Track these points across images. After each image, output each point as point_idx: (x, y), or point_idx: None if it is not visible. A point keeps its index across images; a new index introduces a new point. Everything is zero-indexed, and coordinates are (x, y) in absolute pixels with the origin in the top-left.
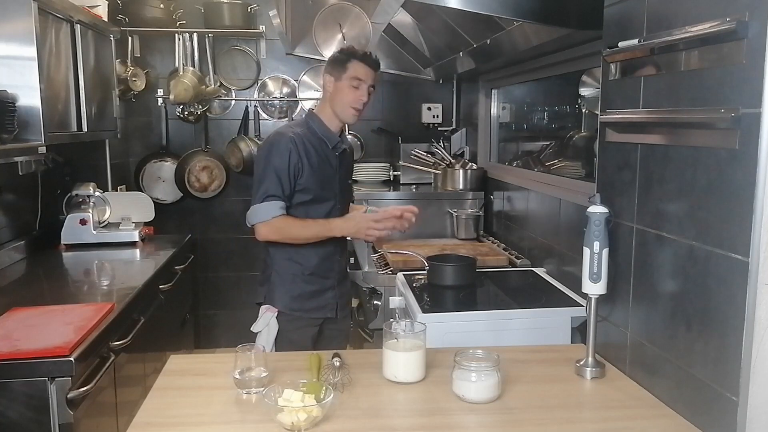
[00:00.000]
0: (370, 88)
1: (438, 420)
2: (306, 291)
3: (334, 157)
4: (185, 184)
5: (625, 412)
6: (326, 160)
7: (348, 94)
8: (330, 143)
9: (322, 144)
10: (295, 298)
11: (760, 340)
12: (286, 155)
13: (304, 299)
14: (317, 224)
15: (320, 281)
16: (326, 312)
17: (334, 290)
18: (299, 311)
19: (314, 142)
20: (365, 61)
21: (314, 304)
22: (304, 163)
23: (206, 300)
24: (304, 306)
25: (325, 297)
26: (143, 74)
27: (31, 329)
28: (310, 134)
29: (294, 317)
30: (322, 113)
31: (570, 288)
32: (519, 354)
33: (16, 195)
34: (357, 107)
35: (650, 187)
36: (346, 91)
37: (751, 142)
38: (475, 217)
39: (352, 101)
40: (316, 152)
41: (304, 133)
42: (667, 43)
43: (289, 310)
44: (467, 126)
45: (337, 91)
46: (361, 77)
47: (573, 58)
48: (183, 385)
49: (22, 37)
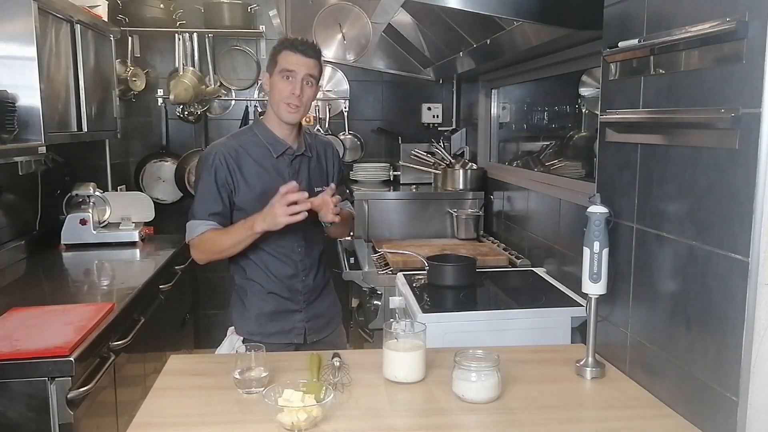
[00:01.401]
0: (309, 79)
1: (438, 420)
2: (264, 312)
3: (285, 166)
4: (185, 184)
5: (625, 412)
6: (273, 170)
7: (280, 87)
8: (274, 151)
9: (266, 152)
10: (254, 321)
11: (760, 340)
12: (211, 172)
13: (265, 321)
14: (236, 226)
15: (281, 301)
16: (292, 337)
17: (300, 313)
18: (259, 336)
19: (256, 153)
20: (295, 48)
21: (277, 327)
22: (237, 178)
23: (206, 300)
24: (265, 330)
25: (291, 320)
26: (143, 74)
27: (31, 329)
28: (253, 143)
29: (262, 344)
30: (267, 117)
31: (570, 288)
32: (519, 354)
33: (16, 195)
34: (290, 101)
35: (650, 187)
36: (279, 85)
37: (751, 142)
38: (475, 217)
39: (285, 95)
40: (256, 162)
41: (245, 143)
42: (667, 43)
43: (250, 335)
44: (467, 126)
45: (272, 87)
46: (292, 67)
47: (573, 58)
48: (183, 385)
49: (22, 37)
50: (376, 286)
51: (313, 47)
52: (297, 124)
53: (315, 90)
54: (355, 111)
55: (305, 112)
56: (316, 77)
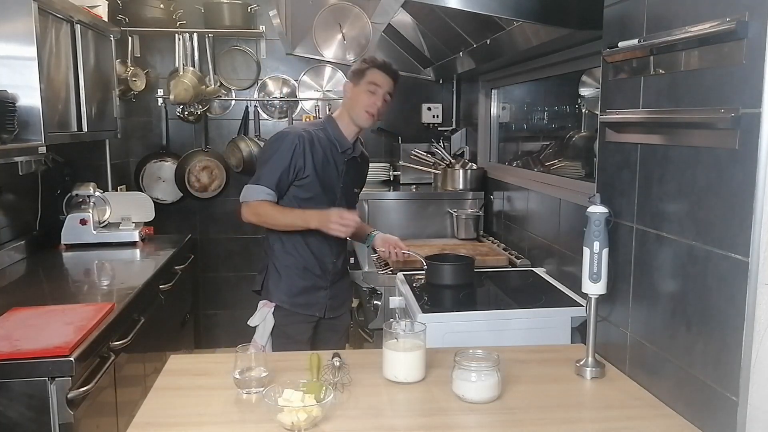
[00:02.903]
0: (387, 95)
1: (438, 420)
2: (297, 285)
3: (342, 162)
4: (185, 184)
5: (625, 412)
6: (332, 163)
7: (364, 98)
8: (340, 147)
9: (332, 147)
10: (287, 292)
11: (760, 340)
12: (290, 149)
13: (295, 294)
14: (294, 212)
15: (312, 278)
16: (315, 310)
17: (326, 290)
18: (289, 305)
19: (324, 144)
20: (383, 69)
21: (304, 300)
22: (308, 160)
23: (206, 300)
24: (296, 301)
25: (317, 296)
26: (143, 74)
27: (31, 329)
28: (323, 136)
29: (289, 312)
30: (340, 118)
31: (570, 288)
32: (519, 354)
33: (16, 195)
34: (371, 111)
35: (650, 187)
36: (363, 95)
37: (751, 142)
38: (475, 217)
39: (367, 105)
40: (324, 154)
41: (317, 133)
42: (667, 43)
43: (283, 303)
44: (467, 126)
45: (355, 96)
46: (378, 83)
47: (573, 58)
48: (183, 385)
49: (22, 37)
50: (376, 286)
51: (397, 72)
52: (361, 130)
53: (389, 105)
54: None
55: (377, 122)
56: (393, 95)
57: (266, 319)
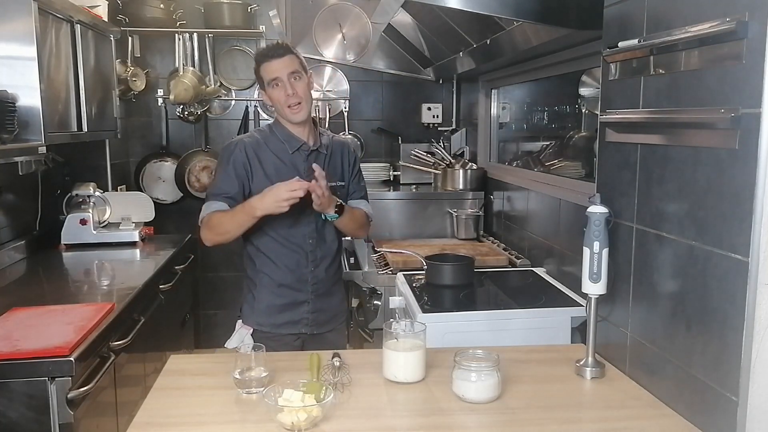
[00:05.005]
0: (294, 75)
1: (438, 420)
2: (275, 305)
3: (302, 161)
4: (185, 184)
5: (625, 412)
6: (288, 164)
7: (275, 95)
8: (290, 147)
9: (283, 148)
10: (264, 312)
11: (760, 340)
12: (230, 159)
13: (274, 313)
14: (239, 208)
15: (291, 294)
16: (300, 328)
17: (308, 304)
18: (269, 327)
19: (276, 146)
20: (268, 57)
21: (286, 318)
22: (254, 165)
23: (206, 300)
24: (276, 320)
25: (299, 311)
26: (143, 74)
27: (31, 329)
28: (273, 139)
29: (271, 335)
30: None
31: (570, 288)
32: (519, 354)
33: (16, 195)
34: (289, 103)
35: (650, 187)
36: (273, 94)
37: (751, 142)
38: (475, 217)
39: (282, 100)
40: (276, 156)
41: (264, 137)
42: (667, 43)
43: (259, 326)
44: (467, 126)
45: (270, 99)
46: (274, 75)
47: (573, 58)
48: (183, 385)
49: (22, 37)
50: (376, 286)
51: (281, 46)
52: (309, 121)
53: (306, 81)
54: (355, 111)
55: (309, 105)
56: (300, 70)
57: (245, 341)
